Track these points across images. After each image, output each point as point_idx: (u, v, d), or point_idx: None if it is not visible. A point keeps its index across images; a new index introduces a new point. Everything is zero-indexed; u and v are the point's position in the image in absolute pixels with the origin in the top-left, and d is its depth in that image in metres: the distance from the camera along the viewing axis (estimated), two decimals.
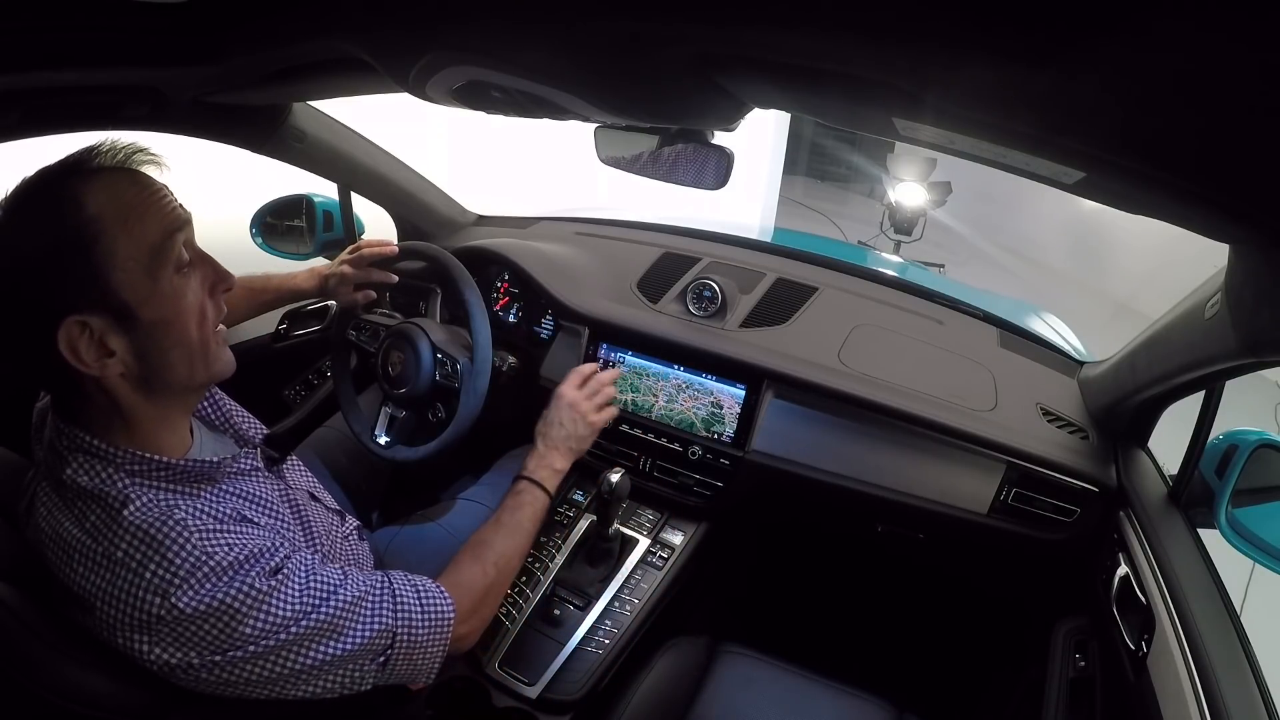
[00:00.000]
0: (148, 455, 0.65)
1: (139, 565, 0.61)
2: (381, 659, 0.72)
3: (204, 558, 0.62)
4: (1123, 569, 0.94)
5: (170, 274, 0.64)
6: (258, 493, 0.75)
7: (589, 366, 1.15)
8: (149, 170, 0.68)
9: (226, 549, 0.63)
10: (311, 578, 0.69)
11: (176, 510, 0.64)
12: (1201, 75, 0.33)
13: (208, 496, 0.69)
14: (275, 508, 0.76)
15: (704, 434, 1.24)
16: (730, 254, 1.43)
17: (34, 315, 0.60)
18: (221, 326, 0.72)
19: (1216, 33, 0.30)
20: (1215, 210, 0.48)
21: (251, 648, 0.63)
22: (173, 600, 0.60)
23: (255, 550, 0.65)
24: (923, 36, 0.38)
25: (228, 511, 0.69)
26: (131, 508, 0.62)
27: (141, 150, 0.68)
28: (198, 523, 0.64)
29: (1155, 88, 0.35)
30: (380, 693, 0.93)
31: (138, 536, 0.61)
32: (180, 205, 0.68)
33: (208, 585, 0.61)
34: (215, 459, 0.71)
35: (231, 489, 0.72)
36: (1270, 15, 0.28)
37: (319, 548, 0.80)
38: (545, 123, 0.79)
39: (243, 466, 0.75)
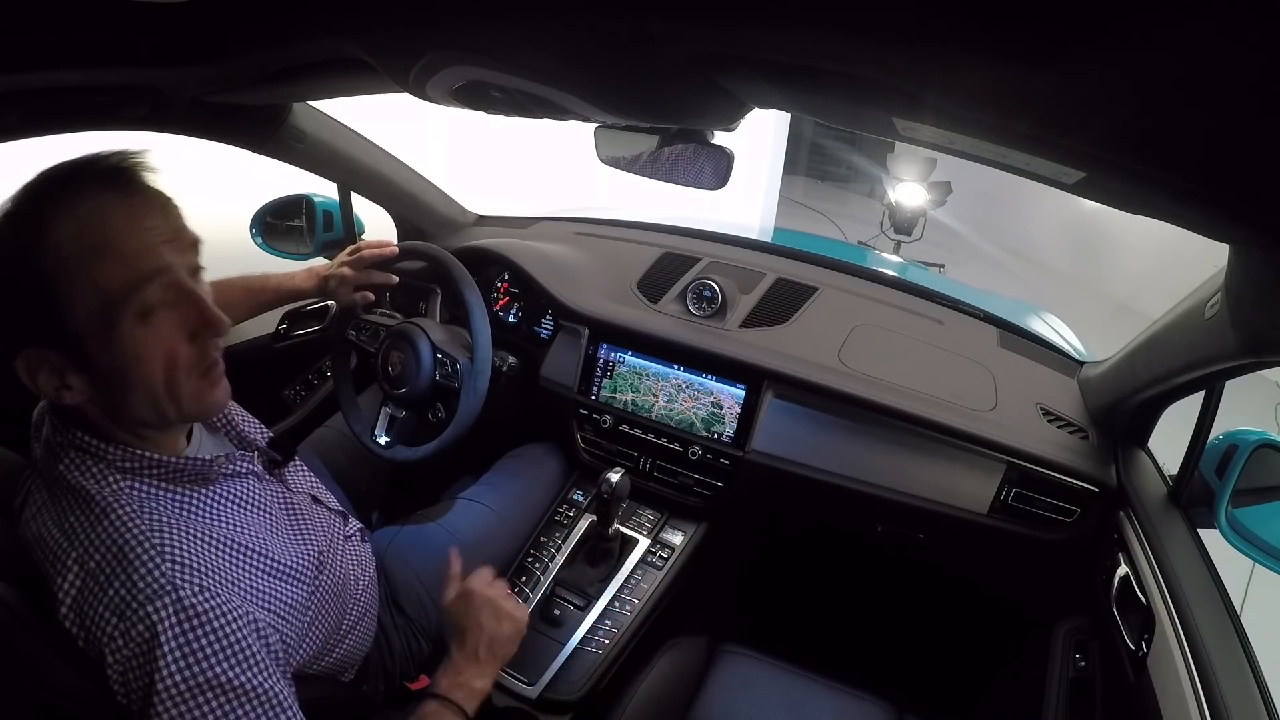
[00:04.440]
0: (141, 453, 0.65)
1: (106, 580, 0.59)
2: None
3: (169, 589, 0.59)
4: (1123, 569, 0.94)
5: (128, 325, 0.60)
6: (252, 496, 0.74)
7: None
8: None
9: (196, 590, 0.60)
10: (271, 682, 0.61)
11: (163, 533, 0.62)
12: (1202, 75, 0.33)
13: (200, 502, 0.68)
14: (270, 511, 0.75)
15: (704, 434, 1.24)
16: (730, 254, 1.43)
17: None
18: (220, 364, 0.68)
19: (1216, 32, 0.30)
20: (1215, 210, 0.48)
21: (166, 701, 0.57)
22: (128, 623, 0.58)
23: (230, 611, 0.61)
24: (922, 36, 0.38)
25: (219, 535, 0.66)
26: (112, 517, 0.61)
27: (140, 160, 0.62)
28: (176, 550, 0.61)
29: (1155, 88, 0.35)
30: (379, 692, 0.94)
31: (112, 551, 0.60)
32: (165, 243, 0.61)
33: (161, 614, 0.58)
34: (209, 457, 0.70)
35: (226, 491, 0.71)
36: (1270, 15, 0.28)
37: (317, 551, 0.80)
38: (545, 123, 0.79)
39: (239, 469, 0.74)
